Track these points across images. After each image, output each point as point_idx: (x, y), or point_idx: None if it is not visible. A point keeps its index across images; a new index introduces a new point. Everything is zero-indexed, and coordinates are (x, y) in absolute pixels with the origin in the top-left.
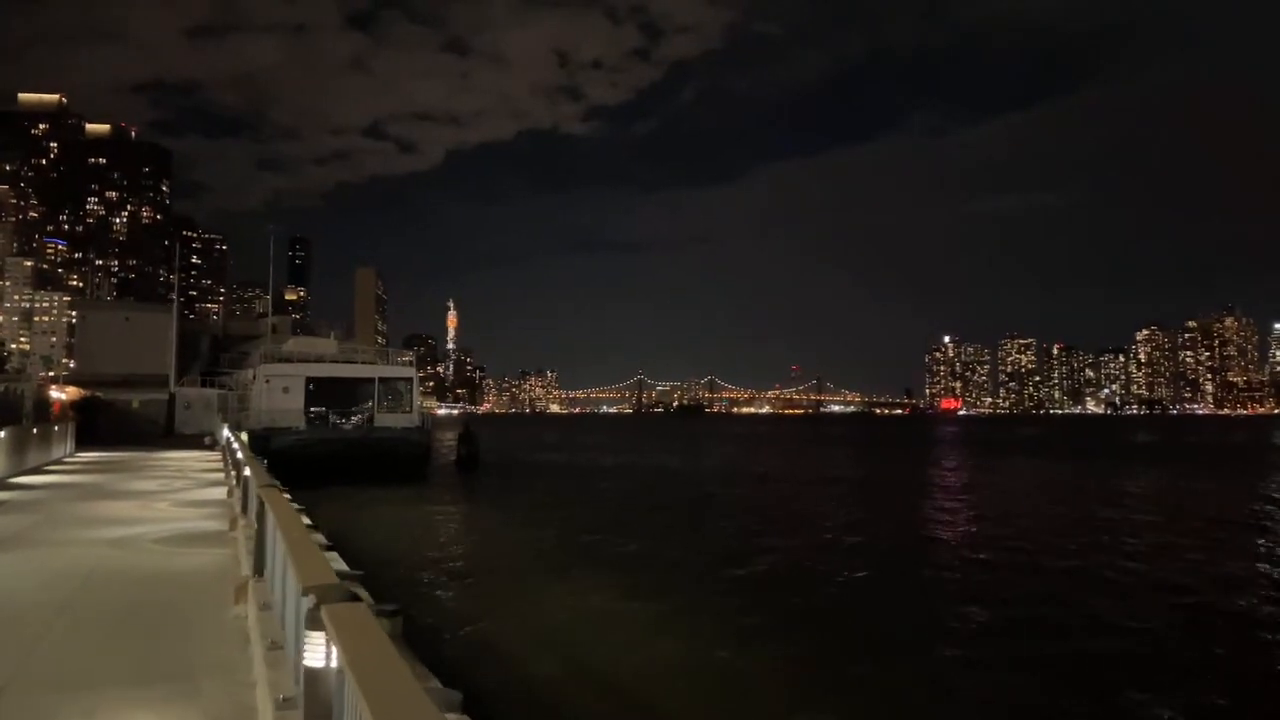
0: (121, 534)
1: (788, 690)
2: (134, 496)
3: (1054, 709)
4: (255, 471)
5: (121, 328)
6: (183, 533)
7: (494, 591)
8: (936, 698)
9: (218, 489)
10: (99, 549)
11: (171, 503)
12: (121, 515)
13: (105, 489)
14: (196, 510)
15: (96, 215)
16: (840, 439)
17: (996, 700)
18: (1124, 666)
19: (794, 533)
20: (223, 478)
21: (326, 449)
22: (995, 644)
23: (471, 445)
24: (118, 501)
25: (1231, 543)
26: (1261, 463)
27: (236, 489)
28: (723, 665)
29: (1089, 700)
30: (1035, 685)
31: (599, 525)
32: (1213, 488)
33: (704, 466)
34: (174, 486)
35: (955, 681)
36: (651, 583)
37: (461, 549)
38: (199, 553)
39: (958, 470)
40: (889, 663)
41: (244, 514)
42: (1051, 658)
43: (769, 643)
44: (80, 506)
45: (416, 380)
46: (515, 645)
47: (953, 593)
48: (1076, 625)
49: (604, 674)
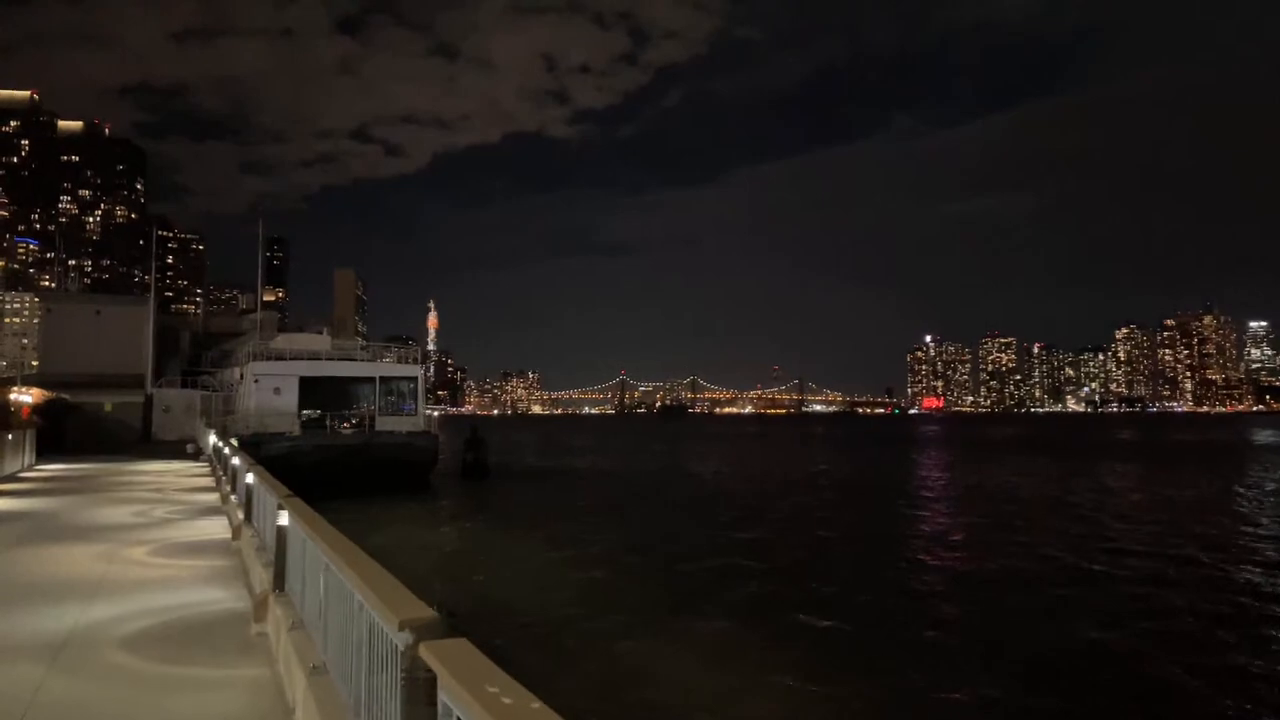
0: (70, 627)
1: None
2: (97, 537)
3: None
4: (268, 482)
5: (91, 322)
6: (173, 623)
7: (571, 646)
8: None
9: (213, 520)
10: (25, 673)
11: (151, 548)
12: (75, 579)
13: (58, 525)
14: (189, 565)
15: (69, 214)
16: (837, 439)
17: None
18: (1111, 662)
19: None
20: (216, 500)
21: (323, 456)
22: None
23: (479, 451)
24: (73, 548)
25: (1222, 539)
26: (1244, 460)
27: (233, 495)
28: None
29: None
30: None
31: (644, 544)
32: (1200, 484)
33: (716, 471)
34: (153, 516)
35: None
36: (741, 617)
37: (509, 586)
38: (206, 678)
39: (964, 470)
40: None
41: (248, 523)
42: (1048, 656)
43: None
44: (14, 562)
45: (423, 379)
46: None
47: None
48: (1084, 622)
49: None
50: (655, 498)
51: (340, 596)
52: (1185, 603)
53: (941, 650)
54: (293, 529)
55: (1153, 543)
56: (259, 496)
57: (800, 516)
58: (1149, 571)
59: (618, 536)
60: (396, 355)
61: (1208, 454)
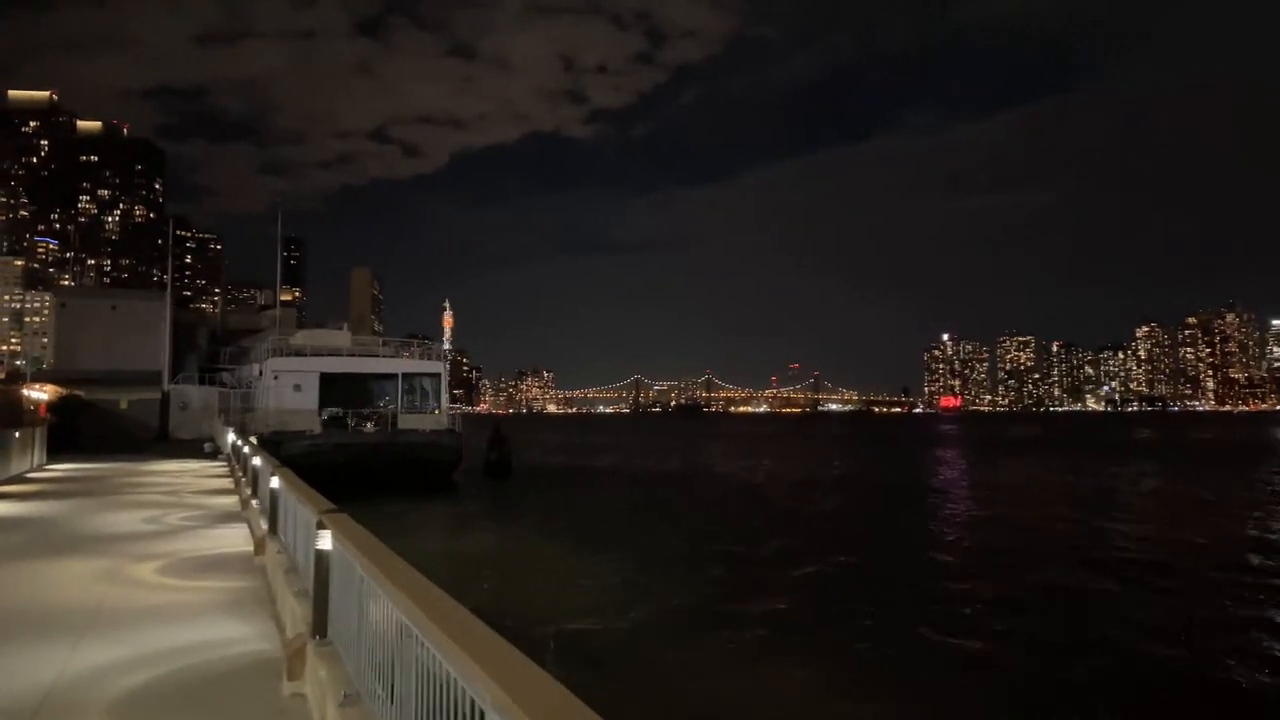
0: (51, 680)
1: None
2: (101, 550)
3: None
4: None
5: (107, 317)
6: (181, 675)
7: (614, 655)
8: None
9: (232, 528)
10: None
11: (161, 564)
12: (68, 606)
13: (59, 534)
14: (204, 587)
15: (88, 214)
16: (857, 439)
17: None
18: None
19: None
20: (236, 504)
21: (345, 455)
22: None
23: (502, 450)
24: (71, 564)
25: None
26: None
27: (254, 500)
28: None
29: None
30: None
31: (675, 549)
32: (1225, 486)
33: (739, 472)
34: (167, 523)
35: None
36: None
37: (558, 599)
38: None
39: (993, 471)
40: None
41: (273, 535)
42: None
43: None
44: (7, 580)
45: (446, 375)
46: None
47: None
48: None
49: None
50: (681, 500)
51: (424, 673)
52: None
53: (977, 661)
54: (339, 557)
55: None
56: (287, 506)
57: (831, 519)
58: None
59: (649, 540)
60: (419, 351)
61: (1234, 454)
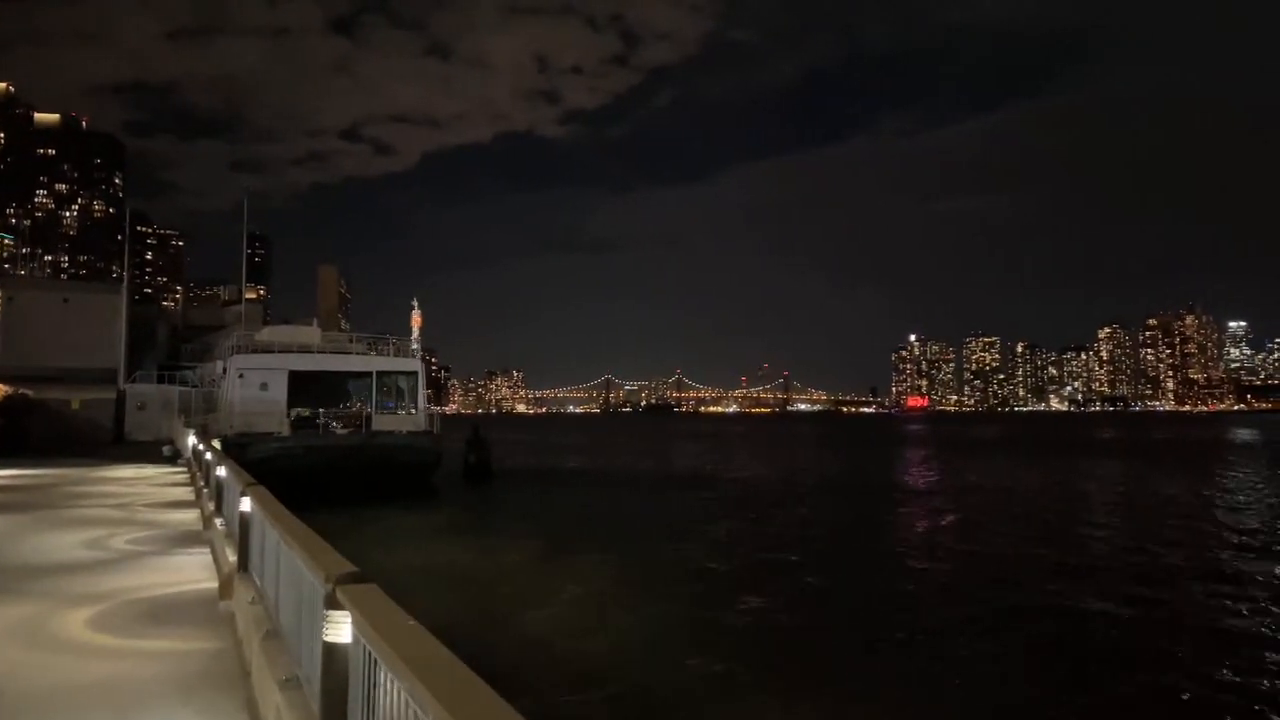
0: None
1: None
2: (24, 591)
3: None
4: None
5: (58, 311)
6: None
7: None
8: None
9: (191, 554)
10: None
11: (97, 611)
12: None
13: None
14: (150, 651)
15: (45, 208)
16: (825, 439)
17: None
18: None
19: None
20: (196, 520)
21: (316, 459)
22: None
23: (482, 452)
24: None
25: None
26: (1223, 460)
27: (218, 519)
28: None
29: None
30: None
31: (662, 553)
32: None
33: (714, 471)
34: (112, 548)
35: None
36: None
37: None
38: None
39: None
40: None
41: (244, 572)
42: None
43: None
44: None
45: (423, 374)
46: None
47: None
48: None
49: None
50: (662, 500)
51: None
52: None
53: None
54: (364, 658)
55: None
56: (267, 544)
57: (811, 518)
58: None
59: (638, 547)
60: (394, 348)
61: (1191, 453)
